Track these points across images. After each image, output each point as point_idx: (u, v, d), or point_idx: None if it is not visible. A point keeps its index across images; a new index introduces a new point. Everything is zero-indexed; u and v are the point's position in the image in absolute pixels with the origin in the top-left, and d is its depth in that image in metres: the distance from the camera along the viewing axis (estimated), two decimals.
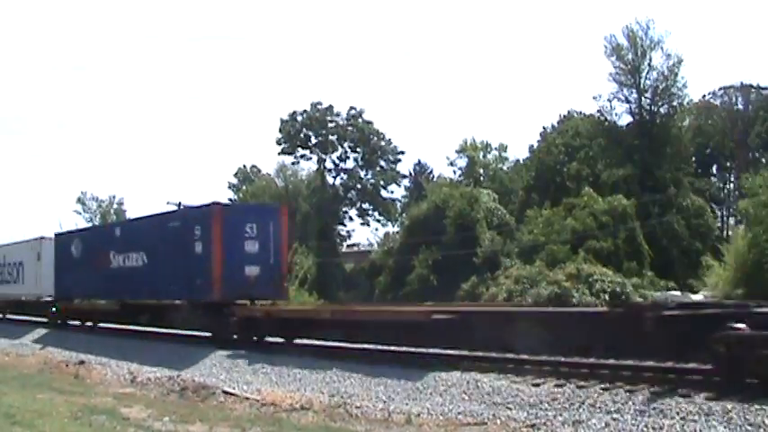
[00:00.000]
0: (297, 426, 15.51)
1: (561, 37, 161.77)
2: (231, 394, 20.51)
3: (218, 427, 14.88)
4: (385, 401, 18.40)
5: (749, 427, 13.22)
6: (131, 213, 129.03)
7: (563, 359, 20.17)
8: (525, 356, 19.96)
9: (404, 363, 22.07)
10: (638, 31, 70.43)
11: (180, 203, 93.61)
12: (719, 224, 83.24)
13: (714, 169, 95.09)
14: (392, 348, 23.07)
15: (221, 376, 23.78)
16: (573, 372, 18.55)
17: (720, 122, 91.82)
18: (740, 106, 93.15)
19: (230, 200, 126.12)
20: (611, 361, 18.60)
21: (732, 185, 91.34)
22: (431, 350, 22.08)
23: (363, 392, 19.57)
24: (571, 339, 20.28)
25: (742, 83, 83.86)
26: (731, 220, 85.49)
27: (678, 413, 14.53)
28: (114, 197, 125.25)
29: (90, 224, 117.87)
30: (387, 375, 21.27)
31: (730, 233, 70.90)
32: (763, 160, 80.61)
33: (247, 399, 19.72)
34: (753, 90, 79.77)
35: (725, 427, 13.27)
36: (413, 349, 22.34)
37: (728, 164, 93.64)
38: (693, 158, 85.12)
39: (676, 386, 16.12)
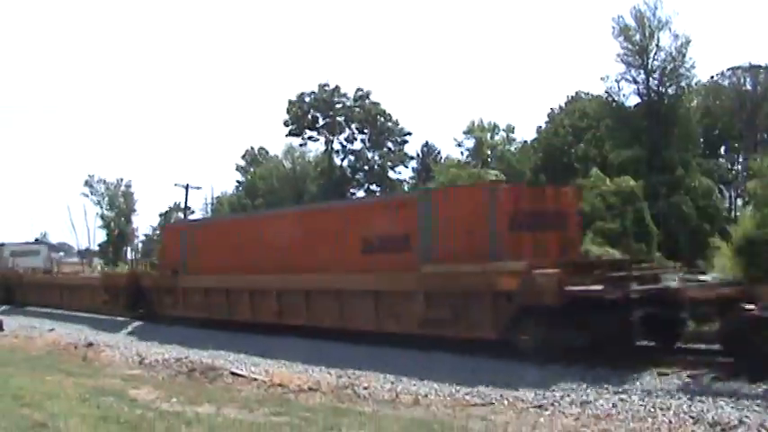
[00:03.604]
0: (305, 407, 15.50)
1: (569, 18, 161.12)
2: (239, 375, 20.55)
3: (226, 408, 14.86)
4: (392, 382, 18.45)
5: (756, 408, 13.23)
6: (139, 196, 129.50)
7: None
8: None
9: (410, 345, 22.17)
10: (645, 11, 70.00)
11: (187, 186, 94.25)
12: (727, 205, 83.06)
13: (722, 150, 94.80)
14: (397, 331, 23.14)
15: (229, 357, 23.84)
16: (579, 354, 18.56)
17: (728, 103, 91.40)
18: (748, 87, 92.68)
19: (238, 182, 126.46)
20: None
21: (740, 166, 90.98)
22: (431, 332, 22.18)
23: (371, 373, 19.63)
24: None
25: (750, 63, 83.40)
26: (739, 201, 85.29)
27: (686, 393, 14.55)
28: (122, 180, 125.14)
29: (98, 206, 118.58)
30: (394, 357, 21.37)
31: (738, 214, 70.78)
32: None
33: (255, 380, 19.76)
34: (761, 70, 79.35)
35: (732, 407, 13.27)
36: (417, 332, 22.42)
37: (736, 145, 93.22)
38: (701, 139, 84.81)
39: (683, 367, 16.12)
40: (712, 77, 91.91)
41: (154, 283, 37.52)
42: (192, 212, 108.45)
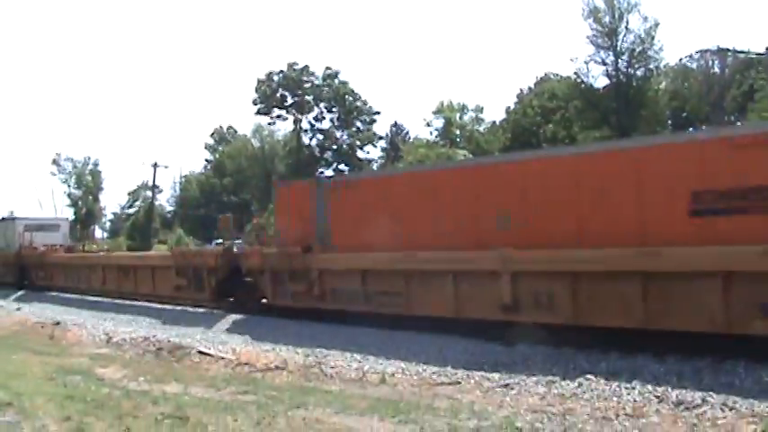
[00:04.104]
0: (271, 385, 15.53)
1: None
2: (206, 354, 20.51)
3: (193, 387, 14.89)
4: (359, 361, 18.46)
5: (719, 387, 13.36)
6: (106, 175, 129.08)
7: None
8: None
9: (377, 324, 22.22)
10: None
11: (155, 164, 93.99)
12: None
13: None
14: (365, 309, 23.11)
15: (197, 336, 23.80)
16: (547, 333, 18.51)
17: (696, 86, 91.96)
18: (716, 70, 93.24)
19: (207, 160, 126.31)
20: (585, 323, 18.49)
21: None
22: (404, 312, 22.11)
23: (338, 352, 19.66)
24: None
25: (719, 46, 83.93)
26: None
27: (651, 373, 14.68)
28: (89, 158, 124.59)
29: (65, 185, 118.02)
30: (361, 335, 21.43)
31: None
32: (739, 124, 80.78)
33: (222, 359, 19.72)
34: (729, 54, 79.92)
35: (696, 388, 13.38)
36: (386, 311, 22.36)
37: (704, 127, 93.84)
38: (669, 121, 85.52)
39: (649, 347, 16.21)
40: (681, 60, 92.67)
41: (266, 264, 26.91)
42: (161, 191, 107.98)
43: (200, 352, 20.80)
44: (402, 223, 22.49)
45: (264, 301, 27.71)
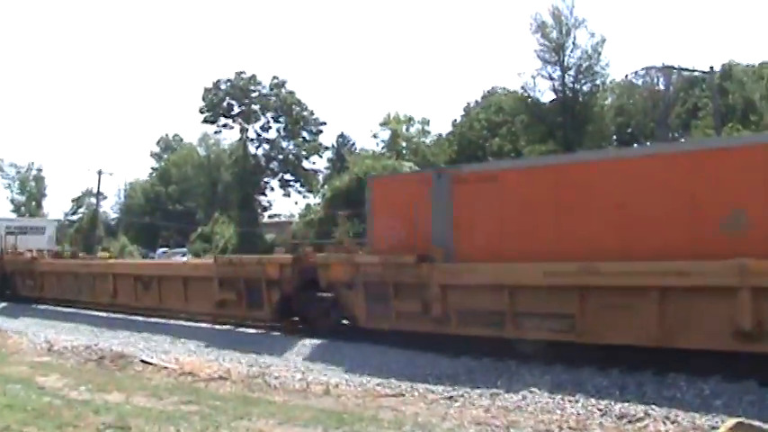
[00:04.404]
0: (215, 395, 15.41)
1: (486, 13, 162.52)
2: (149, 363, 20.33)
3: (136, 397, 14.74)
4: (303, 372, 18.40)
5: (662, 400, 13.49)
6: (50, 181, 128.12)
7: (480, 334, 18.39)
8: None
9: (321, 334, 22.15)
10: (563, 9, 71.10)
11: (100, 171, 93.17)
12: None
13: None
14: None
15: (139, 345, 23.59)
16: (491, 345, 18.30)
17: (641, 102, 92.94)
18: (661, 86, 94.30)
19: (153, 168, 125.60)
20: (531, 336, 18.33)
21: None
22: (348, 323, 22.01)
23: (282, 363, 19.62)
24: None
25: (664, 64, 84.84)
26: None
27: (594, 386, 14.77)
28: (33, 164, 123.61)
29: (8, 190, 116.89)
30: (306, 347, 21.36)
31: None
32: (683, 140, 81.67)
33: (165, 368, 19.56)
34: (674, 71, 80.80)
35: (638, 401, 13.49)
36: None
37: (648, 143, 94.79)
38: (614, 137, 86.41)
39: (593, 361, 16.27)
40: (626, 76, 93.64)
41: (359, 276, 21.36)
42: (105, 198, 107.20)
43: (143, 361, 20.60)
44: (570, 225, 17.71)
45: (345, 322, 22.86)
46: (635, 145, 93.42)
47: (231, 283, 25.49)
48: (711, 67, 51.81)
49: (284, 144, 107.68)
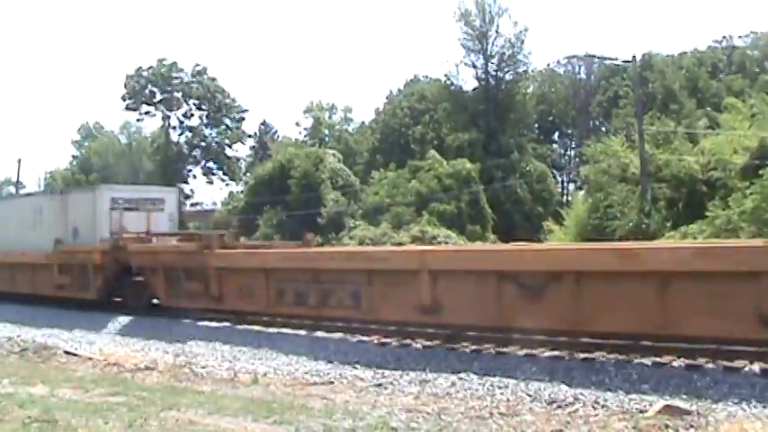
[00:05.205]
0: (141, 386, 15.23)
1: (409, 0, 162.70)
2: (73, 355, 20.07)
3: (61, 389, 14.50)
4: (230, 361, 18.27)
5: (590, 385, 13.59)
6: None
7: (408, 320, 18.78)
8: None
9: (248, 322, 22.09)
10: None
11: (20, 160, 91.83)
12: (560, 189, 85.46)
13: (556, 136, 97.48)
14: (235, 309, 22.88)
15: (63, 336, 23.27)
16: (419, 331, 18.62)
17: (563, 90, 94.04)
18: (583, 75, 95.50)
19: (73, 156, 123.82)
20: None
21: (573, 152, 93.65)
22: (275, 310, 21.98)
23: (208, 352, 19.46)
24: None
25: (586, 53, 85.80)
26: (572, 186, 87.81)
27: (523, 372, 14.84)
28: None
29: None
30: (232, 335, 21.24)
31: (570, 198, 73.01)
32: (604, 128, 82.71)
33: (90, 359, 19.31)
34: (596, 60, 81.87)
35: (568, 386, 13.59)
36: (256, 308, 22.17)
37: (570, 131, 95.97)
38: (536, 125, 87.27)
39: (521, 346, 16.42)
40: (548, 65, 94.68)
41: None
42: (24, 187, 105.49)
43: (67, 352, 20.33)
44: None
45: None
46: (556, 133, 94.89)
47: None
48: (634, 56, 52.37)
49: (207, 132, 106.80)
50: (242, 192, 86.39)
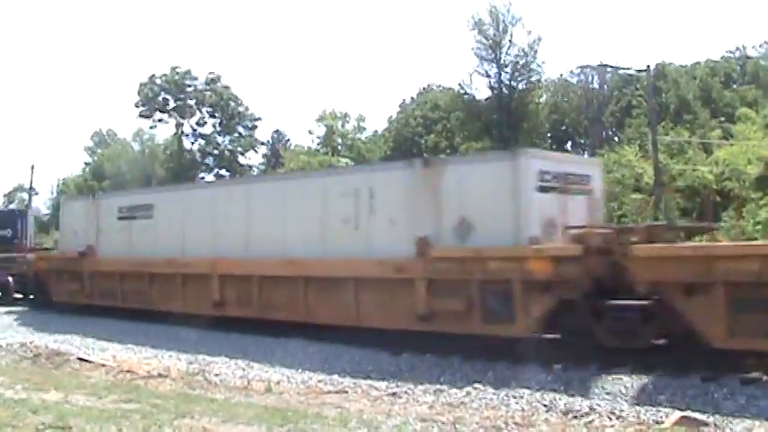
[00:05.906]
0: (155, 393, 15.20)
1: (423, 10, 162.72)
2: (86, 361, 20.05)
3: (74, 395, 14.46)
4: (244, 369, 18.26)
5: (608, 396, 13.51)
6: None
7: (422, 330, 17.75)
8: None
9: (261, 331, 22.00)
10: (500, 7, 71.31)
11: (33, 166, 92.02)
12: None
13: (569, 145, 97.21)
14: (248, 317, 22.80)
15: (75, 342, 23.24)
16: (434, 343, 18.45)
17: (576, 100, 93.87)
18: (596, 85, 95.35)
19: (86, 163, 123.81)
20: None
21: None
22: (286, 319, 21.86)
23: (222, 360, 19.39)
24: None
25: (600, 62, 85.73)
26: None
27: (538, 382, 14.76)
28: None
29: None
30: (245, 343, 21.16)
31: None
32: (617, 138, 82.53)
33: (103, 366, 19.29)
34: (609, 70, 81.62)
35: (583, 396, 13.53)
36: (269, 317, 22.09)
37: (583, 141, 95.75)
38: (549, 134, 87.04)
39: (536, 356, 16.34)
40: (561, 75, 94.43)
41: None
42: (37, 194, 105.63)
43: (80, 359, 20.30)
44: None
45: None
46: (569, 142, 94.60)
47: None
48: (648, 66, 52.20)
49: (220, 139, 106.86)
50: None
